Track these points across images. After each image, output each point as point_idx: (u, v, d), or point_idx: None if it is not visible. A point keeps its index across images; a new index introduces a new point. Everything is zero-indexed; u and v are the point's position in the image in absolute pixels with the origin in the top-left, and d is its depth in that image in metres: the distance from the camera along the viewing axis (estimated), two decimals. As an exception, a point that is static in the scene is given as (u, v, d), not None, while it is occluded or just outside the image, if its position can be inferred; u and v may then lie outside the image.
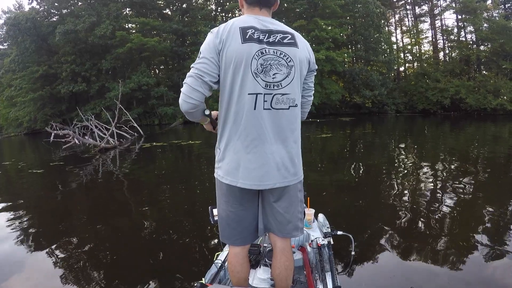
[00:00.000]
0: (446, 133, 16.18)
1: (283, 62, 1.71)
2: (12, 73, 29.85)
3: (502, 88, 27.07)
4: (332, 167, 8.72)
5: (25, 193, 7.21)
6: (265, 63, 1.67)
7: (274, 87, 1.69)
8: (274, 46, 1.70)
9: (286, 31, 1.77)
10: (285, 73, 1.71)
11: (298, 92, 1.80)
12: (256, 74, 1.66)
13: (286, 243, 1.94)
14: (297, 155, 1.83)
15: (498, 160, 8.41)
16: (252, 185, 1.72)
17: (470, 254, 3.38)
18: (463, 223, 4.27)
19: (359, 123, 21.90)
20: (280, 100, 1.71)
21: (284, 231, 1.88)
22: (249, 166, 1.71)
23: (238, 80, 1.67)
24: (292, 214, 1.86)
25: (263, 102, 1.68)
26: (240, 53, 1.64)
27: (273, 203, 1.84)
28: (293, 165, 1.80)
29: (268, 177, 1.72)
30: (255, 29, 1.69)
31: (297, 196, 1.88)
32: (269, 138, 1.71)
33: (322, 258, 2.53)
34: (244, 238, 1.92)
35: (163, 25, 29.01)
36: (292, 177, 1.80)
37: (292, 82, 1.74)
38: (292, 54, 1.74)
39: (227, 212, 1.86)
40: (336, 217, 4.39)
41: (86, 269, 3.44)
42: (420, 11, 38.13)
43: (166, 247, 3.95)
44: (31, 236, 4.47)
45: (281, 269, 1.92)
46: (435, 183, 6.34)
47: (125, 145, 14.75)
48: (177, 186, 7.24)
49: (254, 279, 2.34)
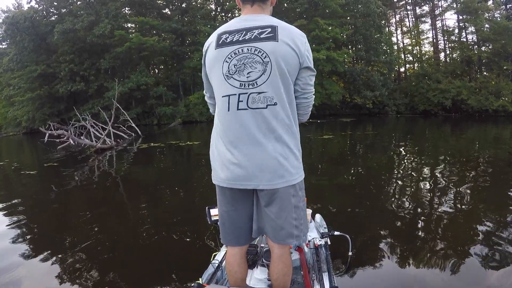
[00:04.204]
0: (447, 134, 16.05)
1: (258, 59, 1.62)
2: (11, 72, 29.76)
3: (503, 89, 26.93)
4: (332, 168, 8.61)
5: (15, 196, 7.03)
6: (238, 63, 1.64)
7: (249, 86, 1.63)
8: (249, 43, 1.64)
9: (266, 25, 1.66)
10: (260, 70, 1.62)
11: (279, 89, 1.65)
12: (228, 76, 1.66)
13: (284, 249, 1.88)
14: (284, 156, 1.69)
15: (499, 163, 8.25)
16: (235, 184, 1.72)
17: (469, 258, 3.30)
18: (463, 227, 4.17)
19: (360, 124, 21.79)
20: (256, 99, 1.63)
21: (278, 237, 1.81)
22: (230, 166, 1.70)
23: (215, 85, 1.75)
24: (284, 220, 1.76)
25: (238, 102, 1.65)
26: (213, 59, 1.71)
27: (264, 208, 1.78)
28: (279, 167, 1.67)
29: (250, 178, 1.68)
30: (231, 32, 1.69)
31: (289, 201, 1.74)
32: (249, 139, 1.66)
33: (319, 259, 2.54)
34: (237, 238, 1.91)
35: (162, 24, 28.85)
36: (278, 179, 1.68)
37: (269, 79, 1.62)
38: (268, 49, 1.61)
39: (221, 212, 1.89)
40: (334, 218, 4.44)
41: (82, 269, 3.46)
42: (420, 11, 37.94)
43: (163, 247, 3.99)
44: (27, 241, 4.38)
45: (278, 275, 1.89)
46: (435, 186, 6.20)
47: (122, 146, 14.58)
48: (175, 187, 7.19)
49: (251, 280, 2.36)
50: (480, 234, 3.87)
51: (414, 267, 3.20)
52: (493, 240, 3.66)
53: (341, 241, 3.09)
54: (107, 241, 4.30)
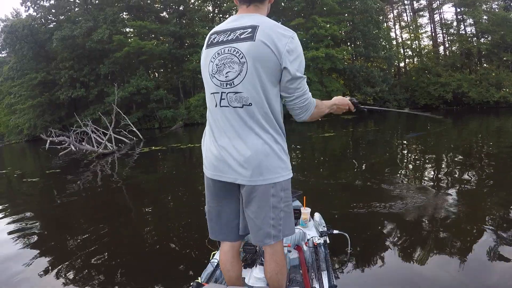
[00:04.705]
0: (449, 128, 15.97)
1: (236, 59, 1.64)
2: (11, 81, 29.90)
3: (504, 80, 26.86)
4: (333, 166, 8.57)
5: (17, 204, 7.04)
6: (219, 63, 1.69)
7: (227, 86, 1.68)
8: (230, 43, 1.67)
9: (249, 25, 1.64)
10: (237, 70, 1.64)
11: (256, 90, 1.63)
12: (212, 75, 1.73)
13: (276, 248, 1.85)
14: (265, 154, 1.68)
15: (503, 156, 8.16)
16: (214, 175, 1.79)
17: (472, 256, 3.23)
18: (466, 225, 4.09)
19: (361, 121, 21.70)
20: (233, 98, 1.67)
21: (256, 238, 1.80)
22: (212, 158, 1.79)
23: (204, 82, 1.82)
24: (262, 220, 1.74)
25: (221, 100, 1.71)
26: (203, 58, 1.79)
27: (245, 208, 1.80)
28: (258, 164, 1.67)
29: (229, 171, 1.73)
30: (219, 33, 1.74)
31: (267, 201, 1.72)
32: (231, 133, 1.71)
33: (318, 257, 2.53)
34: (225, 234, 1.94)
35: (161, 28, 28.91)
36: (257, 176, 1.68)
37: (245, 79, 1.63)
38: (244, 49, 1.61)
39: (208, 207, 1.95)
40: (334, 216, 4.41)
41: (86, 270, 3.51)
42: (418, 5, 37.85)
43: (162, 247, 4.02)
44: (30, 246, 4.34)
45: (271, 273, 1.88)
46: (438, 182, 6.13)
47: (124, 150, 14.60)
48: (176, 189, 7.21)
49: (250, 278, 2.35)
50: (484, 231, 3.76)
51: (414, 265, 3.17)
52: (497, 236, 3.57)
53: (340, 240, 3.08)
54: (107, 240, 4.35)
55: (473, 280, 2.85)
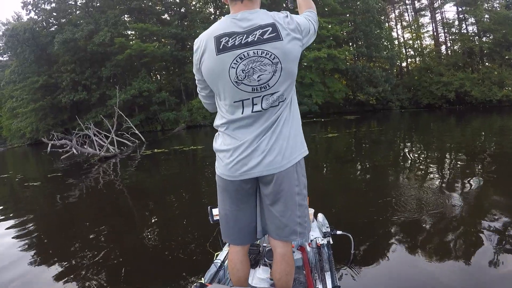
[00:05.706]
0: (452, 127, 15.90)
1: (267, 61, 1.60)
2: (13, 84, 29.98)
3: (506, 79, 26.78)
4: (336, 167, 8.53)
5: (19, 208, 7.01)
6: (246, 67, 1.59)
7: (262, 89, 1.63)
8: (254, 46, 1.59)
9: (265, 24, 1.61)
10: (270, 72, 1.61)
11: (288, 82, 1.69)
12: (238, 82, 1.62)
13: (287, 248, 1.88)
14: (293, 140, 1.76)
15: (506, 155, 8.07)
16: (238, 176, 1.74)
17: (476, 259, 3.18)
18: (470, 226, 4.02)
19: (364, 121, 21.66)
20: (270, 100, 1.65)
21: (281, 234, 1.82)
22: (233, 162, 1.73)
23: (221, 90, 1.69)
24: (289, 218, 1.78)
25: (253, 105, 1.65)
26: (215, 65, 1.63)
27: (271, 207, 1.80)
28: (283, 156, 1.72)
29: (254, 167, 1.71)
30: (230, 35, 1.61)
31: (293, 198, 1.77)
32: (257, 137, 1.69)
33: (322, 258, 2.53)
34: (242, 238, 1.93)
35: (162, 30, 28.95)
36: (284, 161, 1.73)
37: (280, 78, 1.64)
38: (276, 49, 1.60)
39: (225, 211, 1.89)
40: (337, 217, 4.36)
41: (88, 271, 3.51)
42: (419, 5, 37.87)
43: (166, 248, 4.05)
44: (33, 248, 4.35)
45: (281, 274, 1.87)
46: (441, 182, 6.05)
47: (126, 153, 14.56)
48: (179, 191, 7.20)
49: (254, 279, 2.35)
50: (489, 233, 3.68)
51: (418, 267, 3.13)
52: (502, 239, 3.52)
53: (343, 241, 3.05)
54: (111, 241, 4.38)
55: (477, 283, 2.82)
